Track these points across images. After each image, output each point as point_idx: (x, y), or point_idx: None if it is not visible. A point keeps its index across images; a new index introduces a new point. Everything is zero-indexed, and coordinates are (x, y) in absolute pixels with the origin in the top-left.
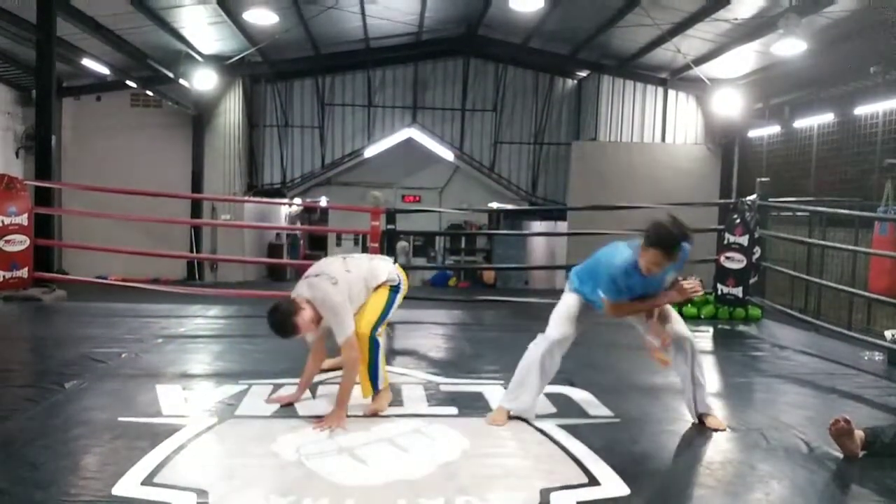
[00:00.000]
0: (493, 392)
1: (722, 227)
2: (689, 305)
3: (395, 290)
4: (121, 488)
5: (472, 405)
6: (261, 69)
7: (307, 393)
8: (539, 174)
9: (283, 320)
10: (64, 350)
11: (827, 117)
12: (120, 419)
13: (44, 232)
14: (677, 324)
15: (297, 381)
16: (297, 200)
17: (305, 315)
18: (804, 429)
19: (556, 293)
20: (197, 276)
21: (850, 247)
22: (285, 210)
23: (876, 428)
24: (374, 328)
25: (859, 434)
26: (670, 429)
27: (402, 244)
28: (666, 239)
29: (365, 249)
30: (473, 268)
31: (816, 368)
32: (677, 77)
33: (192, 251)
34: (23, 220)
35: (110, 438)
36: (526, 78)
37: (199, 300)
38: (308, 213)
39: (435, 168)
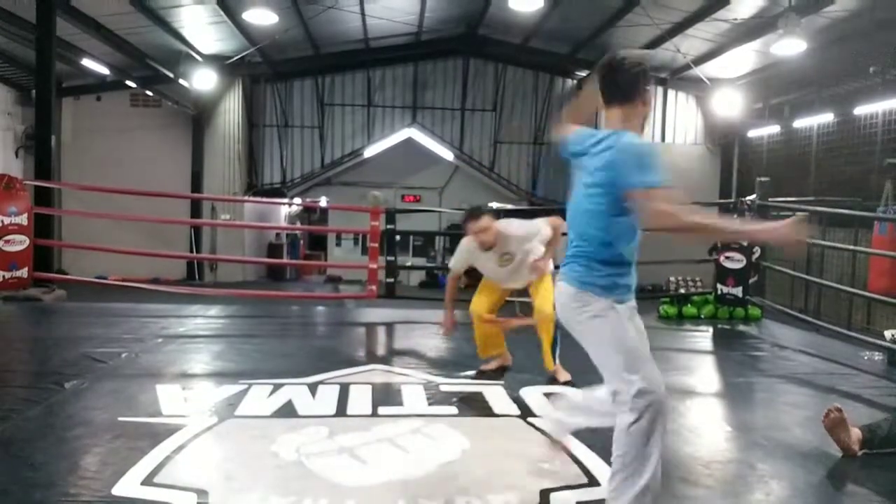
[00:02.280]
0: (493, 392)
1: None
2: (689, 305)
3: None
4: (121, 488)
5: (472, 405)
6: (260, 69)
7: (307, 393)
8: (539, 174)
9: None
10: (64, 350)
11: (827, 117)
12: (120, 419)
13: (43, 232)
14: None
15: (297, 380)
16: (297, 200)
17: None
18: (804, 429)
19: None
20: (197, 276)
21: (850, 246)
22: (285, 210)
23: (871, 424)
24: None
25: (856, 433)
26: (670, 428)
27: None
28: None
29: (364, 250)
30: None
31: (816, 368)
32: (677, 77)
33: (191, 251)
34: (22, 220)
35: (110, 438)
36: (526, 78)
37: (198, 300)
38: (308, 212)
39: (435, 168)
